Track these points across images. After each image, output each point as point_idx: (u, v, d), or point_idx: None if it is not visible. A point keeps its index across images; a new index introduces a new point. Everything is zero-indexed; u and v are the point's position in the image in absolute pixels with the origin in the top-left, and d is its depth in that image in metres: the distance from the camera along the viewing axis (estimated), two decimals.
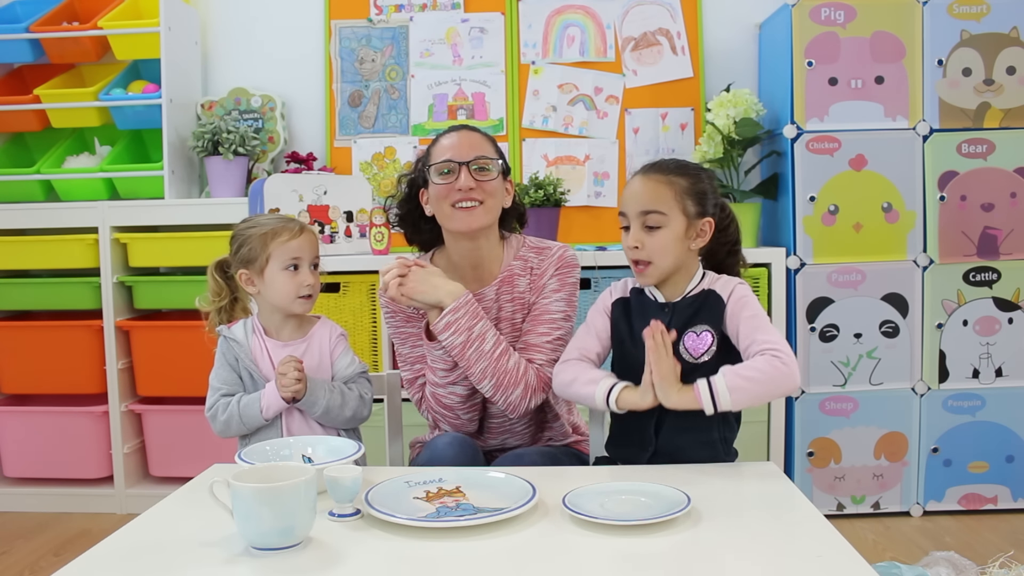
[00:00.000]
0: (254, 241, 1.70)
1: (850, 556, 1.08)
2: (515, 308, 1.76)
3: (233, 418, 1.67)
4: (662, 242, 1.54)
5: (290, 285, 1.68)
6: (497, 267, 1.78)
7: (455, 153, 1.71)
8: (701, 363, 1.50)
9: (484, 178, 1.71)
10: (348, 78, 3.28)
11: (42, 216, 3.05)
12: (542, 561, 1.11)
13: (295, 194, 2.82)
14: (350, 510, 1.25)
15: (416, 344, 1.78)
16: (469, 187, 1.68)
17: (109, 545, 1.17)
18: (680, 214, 1.54)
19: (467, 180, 1.69)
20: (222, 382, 1.71)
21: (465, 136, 1.74)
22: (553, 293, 1.75)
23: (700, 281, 1.58)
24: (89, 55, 3.19)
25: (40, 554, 2.70)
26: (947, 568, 2.19)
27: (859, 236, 2.83)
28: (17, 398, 3.23)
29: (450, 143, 1.73)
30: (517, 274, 1.77)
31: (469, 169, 1.69)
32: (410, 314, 1.78)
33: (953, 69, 2.82)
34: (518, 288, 1.77)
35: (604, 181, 3.20)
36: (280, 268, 1.68)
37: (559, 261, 1.77)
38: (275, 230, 1.69)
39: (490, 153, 1.74)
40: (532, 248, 1.80)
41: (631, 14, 3.21)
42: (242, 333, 1.73)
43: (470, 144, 1.73)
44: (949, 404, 2.86)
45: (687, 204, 1.55)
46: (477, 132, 1.77)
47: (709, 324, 1.53)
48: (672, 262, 1.55)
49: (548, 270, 1.76)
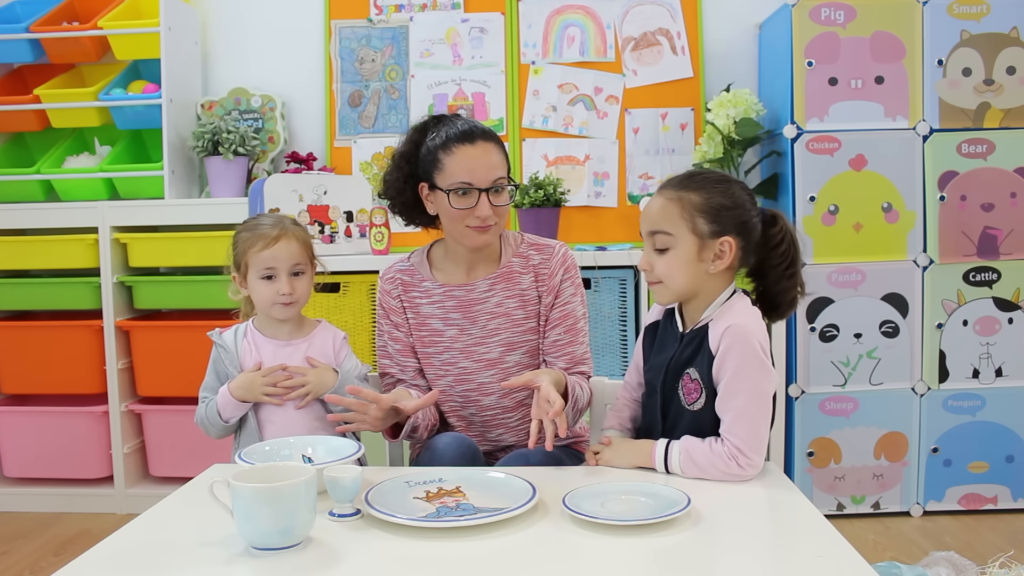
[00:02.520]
0: (238, 247, 1.71)
1: (850, 556, 1.08)
2: (515, 303, 1.76)
3: (203, 421, 1.72)
4: (669, 266, 1.42)
5: (266, 293, 1.69)
6: (495, 261, 1.79)
7: (474, 177, 1.65)
8: (694, 410, 1.45)
9: (501, 202, 1.68)
10: (348, 78, 3.28)
11: (42, 216, 3.05)
12: (542, 561, 1.11)
13: (295, 194, 2.82)
14: (350, 510, 1.25)
15: (388, 342, 1.80)
16: (487, 215, 1.66)
17: (109, 545, 1.17)
18: (689, 234, 1.41)
19: (485, 209, 1.66)
20: (206, 388, 1.74)
21: (483, 154, 1.67)
22: (573, 297, 1.77)
23: (716, 309, 1.44)
24: (89, 55, 3.19)
25: (40, 554, 2.70)
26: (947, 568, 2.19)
27: (859, 236, 2.83)
28: (17, 398, 3.22)
29: (468, 162, 1.66)
30: (517, 271, 1.77)
31: (488, 196, 1.66)
32: (393, 307, 1.79)
33: (953, 69, 2.82)
34: (520, 285, 1.77)
35: (604, 181, 3.20)
36: (257, 277, 1.69)
37: (564, 261, 1.78)
38: (252, 238, 1.69)
39: (504, 168, 1.70)
40: (531, 246, 1.80)
41: (631, 14, 3.21)
42: (232, 338, 1.74)
43: (488, 166, 1.66)
44: (949, 404, 2.86)
45: (697, 223, 1.40)
46: (492, 143, 1.70)
47: (700, 372, 1.43)
48: (685, 286, 1.43)
49: (557, 272, 1.77)
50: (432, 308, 1.78)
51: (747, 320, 1.41)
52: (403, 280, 1.80)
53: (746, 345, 1.38)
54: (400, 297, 1.80)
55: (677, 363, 1.47)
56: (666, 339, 1.53)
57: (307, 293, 1.72)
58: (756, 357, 1.38)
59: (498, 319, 1.76)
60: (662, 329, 1.56)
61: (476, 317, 1.76)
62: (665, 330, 1.54)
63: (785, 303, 1.47)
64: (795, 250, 1.46)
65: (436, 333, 1.78)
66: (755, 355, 1.38)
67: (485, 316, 1.76)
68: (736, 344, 1.38)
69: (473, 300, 1.76)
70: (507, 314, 1.76)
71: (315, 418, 1.71)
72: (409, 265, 1.82)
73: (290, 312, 1.70)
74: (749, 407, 1.38)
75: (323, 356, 1.73)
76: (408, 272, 1.81)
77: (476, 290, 1.76)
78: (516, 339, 1.76)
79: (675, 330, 1.51)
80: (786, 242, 1.46)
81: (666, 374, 1.49)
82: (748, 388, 1.38)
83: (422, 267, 1.81)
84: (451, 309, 1.77)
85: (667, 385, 1.49)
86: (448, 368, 1.78)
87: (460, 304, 1.77)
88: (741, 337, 1.38)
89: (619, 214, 3.17)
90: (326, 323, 1.79)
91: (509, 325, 1.76)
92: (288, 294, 1.68)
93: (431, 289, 1.78)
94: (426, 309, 1.78)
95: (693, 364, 1.45)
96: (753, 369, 1.38)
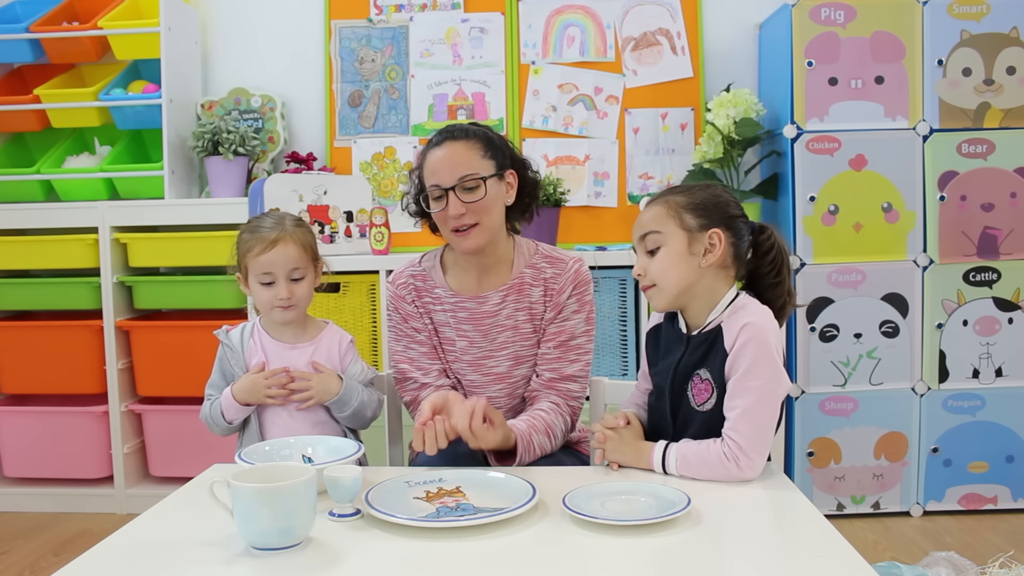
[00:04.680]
0: (239, 248, 1.71)
1: (850, 556, 1.08)
2: (524, 317, 1.75)
3: (207, 419, 1.72)
4: (662, 262, 1.44)
5: (265, 296, 1.68)
6: (507, 271, 1.77)
7: (439, 177, 1.66)
8: (704, 411, 1.45)
9: (472, 199, 1.66)
10: (348, 78, 3.28)
11: (42, 216, 3.05)
12: (542, 561, 1.10)
13: (295, 194, 2.82)
14: (350, 510, 1.25)
15: (409, 346, 1.77)
16: (459, 213, 1.65)
17: (109, 545, 1.17)
18: (678, 228, 1.44)
19: (456, 207, 1.65)
20: (212, 387, 1.74)
21: (448, 154, 1.67)
22: (575, 315, 1.74)
23: (723, 311, 1.44)
24: (89, 55, 3.19)
25: (40, 554, 2.70)
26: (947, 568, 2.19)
27: (859, 236, 2.83)
28: (17, 398, 3.23)
29: (435, 163, 1.67)
30: (529, 283, 1.75)
31: (456, 194, 1.65)
32: (410, 313, 1.78)
33: (953, 69, 2.82)
34: (530, 298, 1.75)
35: (604, 181, 3.20)
36: (255, 281, 1.69)
37: (576, 277, 1.75)
38: (251, 241, 1.68)
39: (475, 166, 1.66)
40: (545, 257, 1.78)
41: (631, 14, 3.21)
42: (238, 337, 1.74)
43: (452, 164, 1.65)
44: (949, 404, 2.86)
45: (685, 218, 1.44)
46: (461, 140, 1.68)
47: (712, 372, 1.43)
48: (678, 282, 1.44)
49: (566, 288, 1.74)
50: (445, 316, 1.77)
51: (763, 319, 1.42)
52: (416, 286, 1.79)
53: (762, 343, 1.38)
54: (415, 303, 1.78)
55: (686, 365, 1.47)
56: (671, 342, 1.52)
57: (308, 296, 1.71)
58: (770, 357, 1.39)
59: (507, 332, 1.75)
60: (665, 332, 1.55)
61: (487, 330, 1.75)
62: (668, 333, 1.54)
63: (775, 311, 1.48)
64: (783, 258, 1.49)
65: (448, 341, 1.77)
66: (769, 355, 1.39)
67: (496, 329, 1.75)
68: (752, 342, 1.38)
69: (485, 313, 1.75)
70: (516, 327, 1.75)
71: (316, 423, 1.71)
72: (421, 270, 1.80)
73: (289, 316, 1.70)
74: (756, 406, 1.38)
75: (328, 360, 1.72)
76: (420, 277, 1.79)
77: (488, 302, 1.75)
78: (524, 353, 1.75)
79: (679, 332, 1.51)
80: (774, 250, 1.49)
81: (674, 376, 1.48)
82: (758, 387, 1.38)
83: (435, 272, 1.79)
84: (463, 320, 1.76)
85: (676, 387, 1.49)
86: (459, 378, 1.78)
87: (472, 316, 1.75)
88: (759, 335, 1.39)
89: (619, 214, 3.17)
90: (333, 325, 1.77)
91: (518, 339, 1.75)
92: (286, 298, 1.67)
93: (443, 297, 1.77)
94: (439, 316, 1.77)
95: (704, 365, 1.44)
96: (765, 368, 1.38)
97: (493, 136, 1.74)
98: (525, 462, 1.59)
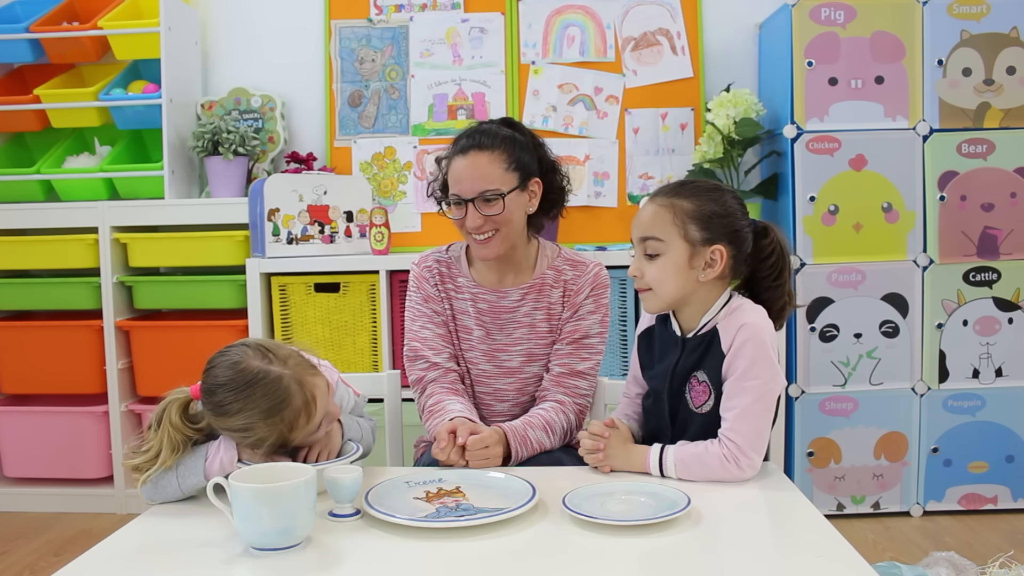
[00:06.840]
0: (259, 426, 1.31)
1: (850, 556, 1.08)
2: (542, 316, 1.78)
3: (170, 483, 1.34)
4: (660, 272, 1.42)
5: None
6: (528, 271, 1.80)
7: (460, 187, 1.69)
8: (703, 413, 1.45)
9: (491, 211, 1.68)
10: (348, 78, 3.28)
11: (42, 216, 3.05)
12: (542, 561, 1.11)
13: (295, 194, 2.83)
14: (350, 510, 1.25)
15: (425, 326, 1.79)
16: (478, 225, 1.68)
17: (109, 545, 1.17)
18: (680, 240, 1.40)
19: (474, 219, 1.68)
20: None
21: (471, 165, 1.68)
22: (590, 315, 1.77)
23: (717, 313, 1.44)
24: (89, 55, 3.19)
25: (40, 554, 2.70)
26: (947, 568, 2.19)
27: (859, 236, 2.83)
28: (17, 398, 3.22)
29: (458, 172, 1.69)
30: (549, 284, 1.79)
31: (475, 206, 1.68)
32: (431, 295, 1.80)
33: (953, 69, 2.82)
34: (549, 298, 1.78)
35: (604, 181, 3.20)
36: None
37: (595, 280, 1.78)
38: (289, 421, 1.32)
39: (496, 181, 1.67)
40: (567, 260, 1.81)
41: (631, 14, 3.21)
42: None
43: (475, 176, 1.67)
44: (949, 404, 2.86)
45: (689, 229, 1.40)
46: (486, 152, 1.68)
47: (709, 373, 1.43)
48: (674, 293, 1.43)
49: (584, 289, 1.77)
50: (464, 305, 1.80)
51: (760, 320, 1.42)
52: (440, 271, 1.82)
53: (760, 344, 1.38)
54: (437, 286, 1.81)
55: (683, 368, 1.47)
56: (665, 344, 1.52)
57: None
58: (767, 357, 1.39)
59: (523, 329, 1.78)
60: (658, 335, 1.55)
61: (504, 325, 1.78)
62: (662, 335, 1.54)
63: (773, 313, 1.47)
64: (784, 262, 1.48)
65: (465, 330, 1.80)
66: (766, 355, 1.39)
67: (512, 325, 1.78)
68: (749, 342, 1.38)
69: (504, 308, 1.78)
70: (533, 326, 1.78)
71: None
72: (447, 257, 1.84)
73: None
74: (755, 406, 1.38)
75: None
76: (446, 264, 1.83)
77: (508, 298, 1.78)
78: (538, 351, 1.78)
79: (673, 334, 1.50)
80: (776, 254, 1.47)
81: (671, 379, 1.48)
82: (755, 387, 1.38)
83: (460, 262, 1.83)
84: (483, 312, 1.79)
85: (673, 390, 1.49)
86: (469, 367, 1.80)
87: (491, 309, 1.79)
88: (756, 335, 1.39)
89: (619, 214, 3.17)
90: (323, 367, 1.49)
91: (533, 337, 1.78)
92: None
93: (464, 286, 1.80)
94: (459, 304, 1.80)
95: (702, 367, 1.44)
96: (762, 368, 1.39)
97: (523, 140, 1.75)
98: (522, 456, 1.61)
